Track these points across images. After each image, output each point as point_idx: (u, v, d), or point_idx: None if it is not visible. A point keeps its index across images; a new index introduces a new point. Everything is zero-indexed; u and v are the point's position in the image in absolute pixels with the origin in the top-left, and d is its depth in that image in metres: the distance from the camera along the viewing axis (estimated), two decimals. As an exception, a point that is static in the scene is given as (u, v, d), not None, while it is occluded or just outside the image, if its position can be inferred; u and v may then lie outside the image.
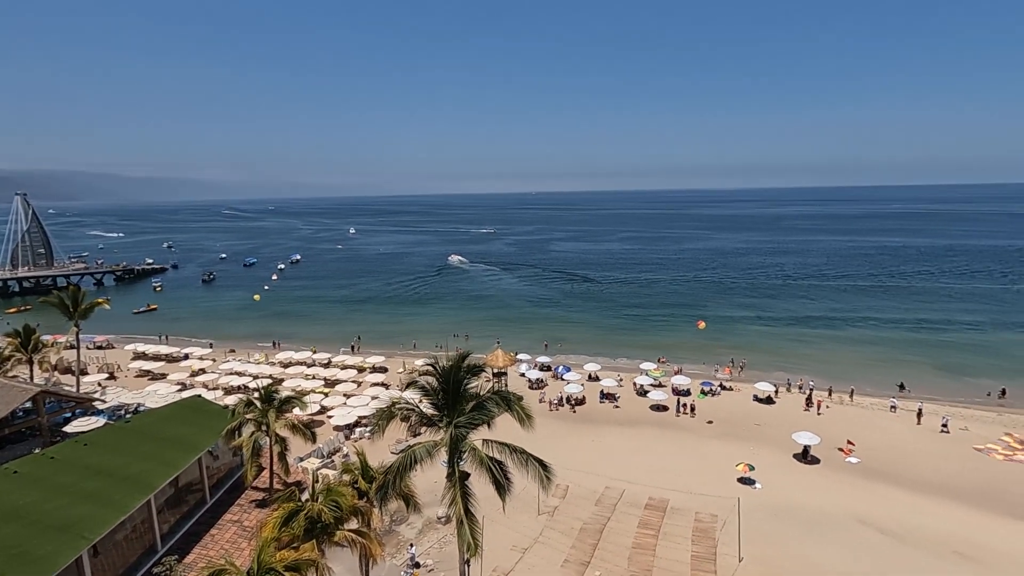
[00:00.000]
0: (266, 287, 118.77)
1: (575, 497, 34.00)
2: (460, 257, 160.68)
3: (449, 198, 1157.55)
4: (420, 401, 21.25)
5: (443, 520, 31.25)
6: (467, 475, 19.63)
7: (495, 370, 52.85)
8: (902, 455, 40.56)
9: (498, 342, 61.34)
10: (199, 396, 39.04)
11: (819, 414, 48.10)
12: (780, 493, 34.81)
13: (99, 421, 39.23)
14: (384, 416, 20.94)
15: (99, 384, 54.65)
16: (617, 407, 50.95)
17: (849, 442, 41.64)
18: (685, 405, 49.40)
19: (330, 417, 46.01)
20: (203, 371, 60.53)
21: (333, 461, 38.62)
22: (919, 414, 46.29)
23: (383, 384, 55.42)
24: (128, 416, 38.61)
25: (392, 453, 37.15)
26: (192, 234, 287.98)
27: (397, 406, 21.14)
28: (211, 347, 70.90)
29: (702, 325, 75.82)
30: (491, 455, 19.31)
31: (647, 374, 56.24)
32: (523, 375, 58.21)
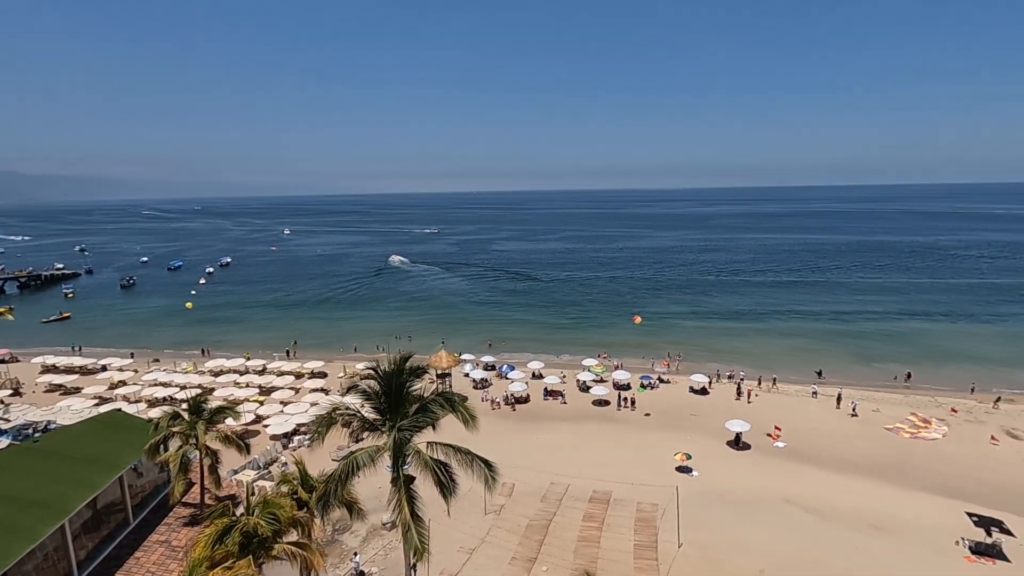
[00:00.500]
0: (192, 292, 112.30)
1: (521, 495, 34.24)
2: (401, 258, 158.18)
3: (391, 197, 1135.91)
4: (362, 406, 20.73)
5: (388, 526, 30.67)
6: (412, 479, 19.35)
7: (439, 371, 52.38)
8: (823, 437, 43.65)
9: (443, 342, 60.91)
10: (119, 410, 36.29)
11: (749, 402, 50.85)
12: (715, 479, 36.53)
13: (2, 442, 35.78)
14: (324, 423, 20.27)
15: (1, 402, 49.83)
16: (564, 403, 51.84)
17: (776, 427, 44.33)
18: (626, 399, 50.89)
19: (266, 426, 44.12)
20: (123, 383, 56.39)
21: (270, 472, 37.04)
22: (838, 399, 49.89)
23: (323, 390, 53.66)
24: (36, 435, 35.36)
25: (333, 460, 36.10)
26: (108, 236, 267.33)
27: (338, 412, 20.54)
28: (132, 357, 66.16)
29: (638, 320, 78.41)
30: (436, 457, 19.14)
31: (589, 370, 57.49)
32: (467, 375, 58.07)
